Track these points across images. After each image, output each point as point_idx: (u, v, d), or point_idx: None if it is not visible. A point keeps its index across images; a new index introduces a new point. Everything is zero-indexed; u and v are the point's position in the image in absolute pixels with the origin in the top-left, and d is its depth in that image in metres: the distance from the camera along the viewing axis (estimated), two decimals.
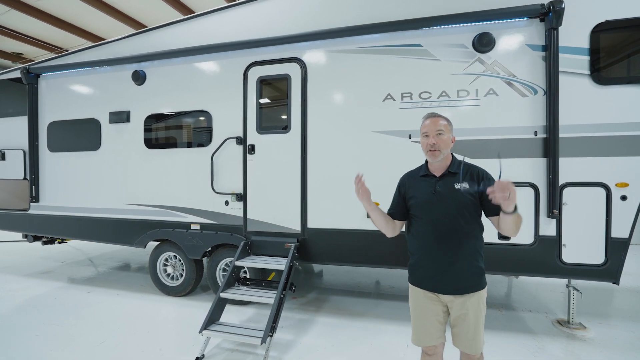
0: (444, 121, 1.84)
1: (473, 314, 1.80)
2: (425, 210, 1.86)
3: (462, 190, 1.79)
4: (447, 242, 1.80)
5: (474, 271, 1.81)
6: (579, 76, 2.95)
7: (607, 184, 2.94)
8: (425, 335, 1.91)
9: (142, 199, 4.16)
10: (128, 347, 3.00)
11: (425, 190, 1.88)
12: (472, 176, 1.81)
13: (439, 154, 1.82)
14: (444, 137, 1.81)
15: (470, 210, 1.79)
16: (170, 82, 4.04)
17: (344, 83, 3.48)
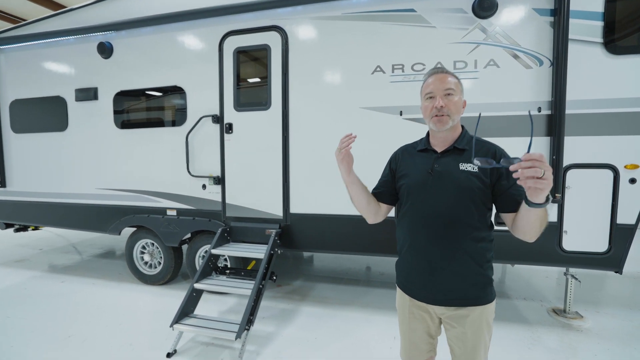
0: (453, 78, 1.40)
1: (472, 334, 1.40)
2: (416, 194, 1.44)
3: (472, 171, 1.35)
4: (440, 237, 1.39)
5: (474, 280, 1.38)
6: (590, 45, 2.63)
7: (616, 165, 2.68)
8: (413, 350, 1.57)
9: (115, 183, 3.87)
10: (96, 342, 2.79)
11: (420, 168, 1.45)
12: (494, 158, 1.34)
13: (448, 120, 1.37)
14: (454, 99, 1.37)
15: (476, 200, 1.35)
16: (139, 55, 3.67)
17: (328, 54, 3.13)
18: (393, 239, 3.15)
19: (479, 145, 1.40)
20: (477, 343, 1.41)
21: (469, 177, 1.35)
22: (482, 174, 1.35)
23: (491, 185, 1.35)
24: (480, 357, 1.43)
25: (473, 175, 1.35)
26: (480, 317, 1.40)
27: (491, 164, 1.17)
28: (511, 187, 1.33)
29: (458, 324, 1.42)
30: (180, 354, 2.64)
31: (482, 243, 1.39)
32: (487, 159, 1.18)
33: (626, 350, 2.70)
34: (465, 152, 1.40)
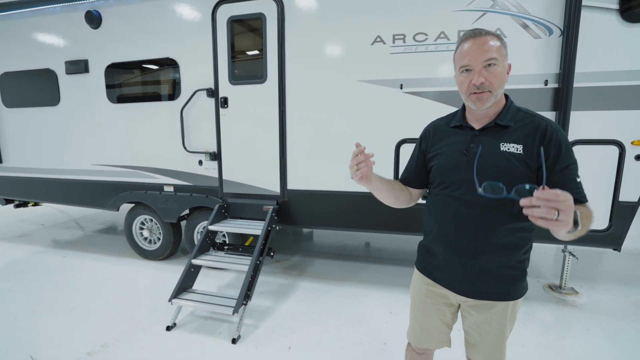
0: (495, 41, 1.14)
1: (495, 328, 1.28)
2: (448, 178, 1.27)
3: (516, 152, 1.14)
4: (473, 227, 1.22)
5: (507, 273, 1.23)
6: (605, 12, 2.47)
7: (622, 141, 2.59)
8: (424, 335, 1.48)
9: (111, 160, 3.83)
10: (98, 315, 2.85)
11: (453, 148, 1.27)
12: (542, 138, 1.13)
13: (489, 96, 1.15)
14: (496, 70, 1.13)
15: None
16: (129, 25, 3.51)
17: (326, 23, 2.97)
18: (391, 215, 3.14)
19: (524, 119, 1.19)
20: (500, 334, 1.30)
21: (511, 159, 1.14)
22: (527, 156, 1.13)
23: (538, 170, 1.14)
24: (502, 348, 1.32)
25: (516, 157, 1.14)
26: (506, 311, 1.27)
27: (499, 193, 1.03)
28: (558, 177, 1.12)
29: (480, 313, 1.30)
30: (180, 327, 2.69)
31: (521, 233, 1.21)
32: (495, 186, 1.03)
33: (618, 324, 2.73)
34: (509, 128, 1.18)
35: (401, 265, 3.93)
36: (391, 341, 2.52)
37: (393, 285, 3.38)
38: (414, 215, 3.06)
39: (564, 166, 1.12)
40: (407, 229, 3.15)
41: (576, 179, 1.12)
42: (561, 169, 1.12)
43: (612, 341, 2.52)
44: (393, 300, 3.11)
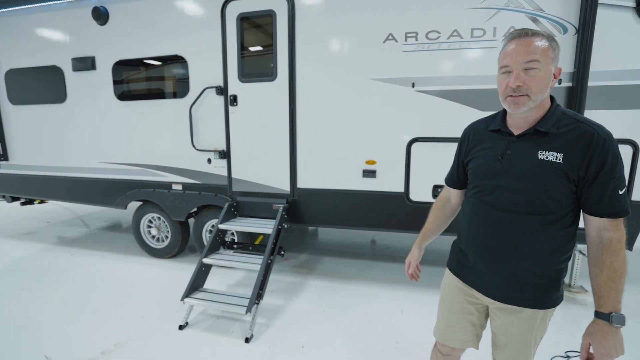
0: (542, 42, 1.08)
1: (521, 333, 1.27)
2: (482, 183, 1.26)
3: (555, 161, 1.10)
4: (503, 234, 1.21)
5: (536, 281, 1.20)
6: (621, 10, 2.44)
7: (636, 141, 2.58)
8: (449, 332, 1.48)
9: (118, 157, 3.81)
10: (109, 314, 2.85)
11: (490, 154, 1.24)
12: (586, 148, 1.06)
13: (527, 101, 1.10)
14: (538, 74, 1.08)
15: (555, 197, 1.12)
16: (137, 22, 3.47)
17: (337, 21, 2.95)
18: (402, 214, 3.13)
19: (569, 125, 1.11)
20: (525, 339, 1.28)
21: (549, 169, 1.10)
22: (567, 167, 1.08)
23: (578, 181, 1.10)
24: (528, 353, 1.30)
25: (556, 167, 1.09)
26: (534, 319, 1.24)
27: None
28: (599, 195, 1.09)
29: (506, 316, 1.29)
30: (192, 326, 2.70)
31: (558, 241, 1.17)
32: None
33: (628, 323, 2.73)
34: (550, 135, 1.12)
35: None
36: (403, 340, 2.53)
37: (402, 284, 3.38)
38: (425, 214, 3.06)
39: (604, 180, 1.07)
40: (418, 228, 3.14)
41: (617, 193, 1.08)
42: (600, 182, 1.07)
43: (627, 341, 2.52)
44: (403, 299, 3.11)
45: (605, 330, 1.09)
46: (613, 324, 1.08)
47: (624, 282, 1.10)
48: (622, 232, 1.10)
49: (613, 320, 1.08)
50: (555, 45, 1.11)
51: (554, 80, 1.13)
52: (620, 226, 1.10)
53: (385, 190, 3.08)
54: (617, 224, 1.10)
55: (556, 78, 1.13)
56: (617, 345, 1.09)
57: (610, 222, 1.10)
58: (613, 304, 1.09)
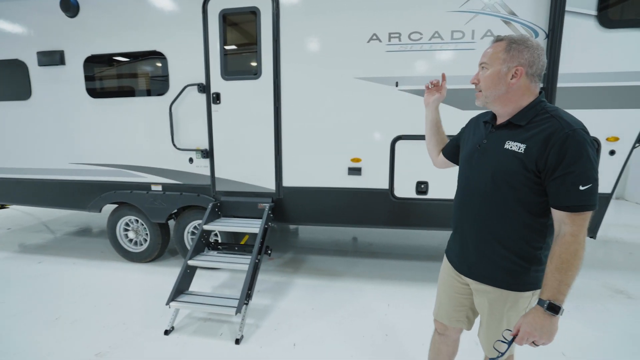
0: (500, 46, 1.24)
1: (493, 312, 1.36)
2: (463, 168, 1.43)
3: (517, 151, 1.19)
4: (473, 216, 1.35)
5: (503, 264, 1.29)
6: (585, 17, 2.65)
7: (598, 138, 2.81)
8: (442, 309, 1.61)
9: (92, 158, 3.61)
10: (87, 323, 2.70)
11: (474, 141, 1.40)
12: (546, 142, 1.13)
13: (480, 96, 1.30)
14: (485, 73, 1.27)
15: (514, 185, 1.21)
16: (111, 15, 3.31)
17: (322, 20, 2.97)
18: (387, 210, 3.21)
19: (542, 121, 1.18)
20: (494, 320, 1.37)
21: (510, 158, 1.21)
22: (526, 157, 1.17)
23: (537, 172, 1.17)
24: (498, 334, 1.36)
25: (516, 156, 1.19)
26: (503, 298, 1.31)
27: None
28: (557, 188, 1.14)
29: (478, 295, 1.42)
30: (178, 330, 2.62)
31: (525, 228, 1.24)
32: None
33: (593, 306, 2.97)
34: (522, 128, 1.22)
35: (393, 259, 4.03)
36: (392, 332, 2.59)
37: (388, 279, 3.47)
38: (409, 210, 3.15)
39: (562, 174, 1.11)
40: (402, 224, 3.24)
41: (577, 188, 1.09)
42: (558, 176, 1.11)
43: (589, 321, 2.74)
44: (389, 293, 3.19)
45: (539, 314, 1.13)
46: (546, 310, 1.11)
47: (571, 277, 1.11)
48: (579, 227, 1.11)
49: (547, 307, 1.11)
50: (513, 48, 1.21)
51: (513, 79, 1.21)
52: (578, 221, 1.11)
53: (371, 187, 3.14)
54: (574, 219, 1.11)
55: (515, 77, 1.21)
56: (545, 332, 1.12)
57: (567, 215, 1.12)
58: (553, 293, 1.11)
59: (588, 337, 2.53)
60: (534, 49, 1.20)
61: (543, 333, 1.13)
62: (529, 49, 1.20)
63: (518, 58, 1.20)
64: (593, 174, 1.10)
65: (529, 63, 1.20)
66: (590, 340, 2.49)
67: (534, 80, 1.23)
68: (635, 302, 3.02)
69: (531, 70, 1.21)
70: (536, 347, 1.19)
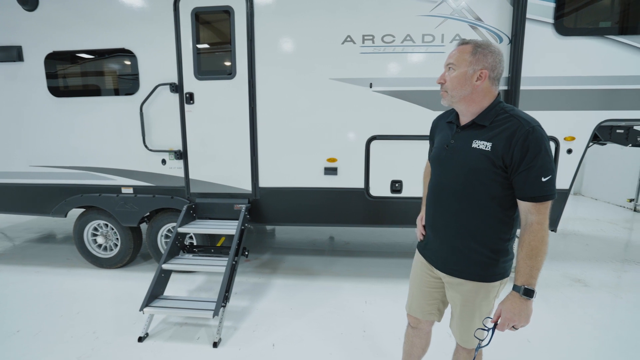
0: (467, 48, 1.30)
1: (466, 304, 1.43)
2: (434, 167, 1.49)
3: (484, 150, 1.26)
4: (445, 212, 1.42)
5: (476, 258, 1.36)
6: (543, 25, 2.82)
7: (557, 137, 3.01)
8: (414, 303, 1.67)
9: (55, 160, 3.42)
10: (52, 335, 2.56)
11: (441, 141, 1.46)
12: (510, 140, 1.21)
13: (446, 96, 1.36)
14: (452, 74, 1.31)
15: (484, 182, 1.29)
16: (75, 10, 3.15)
17: (297, 20, 2.98)
18: (363, 209, 3.27)
19: (503, 120, 1.26)
20: (467, 311, 1.44)
21: (479, 156, 1.28)
22: (493, 154, 1.25)
23: (504, 167, 1.25)
24: (467, 326, 1.46)
25: (484, 154, 1.27)
26: (477, 292, 1.39)
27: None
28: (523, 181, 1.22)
29: (451, 288, 1.47)
30: (153, 336, 2.54)
31: (493, 222, 1.33)
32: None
33: (554, 294, 3.18)
34: (486, 128, 1.30)
35: (370, 256, 4.11)
36: (369, 328, 2.65)
37: (365, 276, 3.53)
38: (384, 208, 3.23)
39: (526, 168, 1.20)
40: (378, 222, 3.31)
41: (539, 180, 1.19)
42: (522, 170, 1.21)
43: (551, 308, 2.93)
44: (366, 290, 3.25)
45: (515, 300, 1.23)
46: (522, 295, 1.21)
47: (541, 262, 1.21)
48: (544, 216, 1.22)
49: (522, 292, 1.21)
50: (479, 52, 1.28)
51: (478, 81, 1.28)
52: (542, 210, 1.21)
53: (347, 186, 3.19)
54: (539, 208, 1.21)
55: (480, 80, 1.28)
56: (522, 315, 1.22)
57: (533, 205, 1.22)
58: (526, 278, 1.21)
59: (550, 324, 2.70)
60: (496, 54, 1.29)
61: (521, 317, 1.22)
62: (492, 54, 1.29)
63: (483, 61, 1.28)
64: (551, 166, 1.21)
65: (492, 67, 1.28)
66: (552, 327, 2.67)
67: (495, 83, 1.32)
68: (591, 290, 3.27)
69: (493, 73, 1.30)
70: (515, 331, 1.29)
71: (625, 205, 6.50)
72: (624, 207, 6.52)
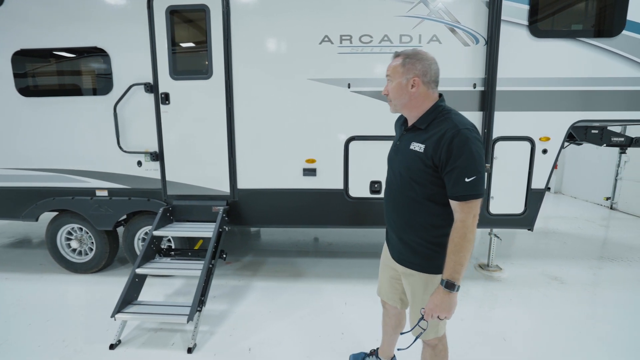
0: (395, 61, 1.42)
1: (415, 293, 1.56)
2: (388, 165, 1.63)
3: (418, 151, 1.39)
4: (394, 207, 1.56)
5: (419, 250, 1.49)
6: (518, 26, 2.86)
7: (533, 138, 3.05)
8: (380, 287, 1.87)
9: (25, 162, 3.30)
10: (18, 344, 2.47)
11: (393, 142, 1.63)
12: (439, 142, 1.32)
13: (391, 104, 1.49)
14: (391, 85, 1.44)
15: (419, 181, 1.41)
16: (44, 6, 3.04)
17: (274, 20, 2.95)
18: (342, 210, 3.26)
19: (438, 124, 1.37)
20: (415, 300, 1.57)
21: (414, 157, 1.41)
22: (425, 156, 1.37)
23: (435, 167, 1.36)
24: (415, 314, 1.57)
25: (417, 156, 1.39)
26: (420, 283, 1.52)
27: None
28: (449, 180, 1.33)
29: (405, 278, 1.61)
30: (125, 343, 2.47)
31: (432, 217, 1.43)
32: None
33: (532, 292, 3.23)
34: (422, 130, 1.42)
35: (353, 257, 4.10)
36: (348, 330, 2.63)
37: (346, 277, 3.52)
38: (364, 209, 3.22)
39: (450, 169, 1.30)
40: (358, 223, 3.30)
41: (462, 180, 1.28)
42: (448, 171, 1.31)
43: (529, 306, 2.97)
44: (347, 291, 3.24)
45: (439, 292, 1.34)
46: (445, 288, 1.32)
47: (463, 258, 1.29)
48: (466, 214, 1.30)
49: (445, 285, 1.32)
50: (408, 62, 1.39)
51: (413, 88, 1.39)
52: (465, 209, 1.30)
53: (326, 187, 3.17)
54: (462, 207, 1.31)
55: (415, 87, 1.39)
56: (444, 306, 1.33)
57: (457, 204, 1.32)
58: (450, 272, 1.31)
59: (527, 322, 2.74)
60: (424, 60, 1.39)
61: (443, 308, 1.33)
62: (421, 61, 1.39)
63: (413, 70, 1.38)
64: (476, 167, 1.28)
65: (422, 73, 1.38)
66: (528, 325, 2.70)
67: (431, 86, 1.41)
68: (568, 287, 3.33)
69: (426, 78, 1.39)
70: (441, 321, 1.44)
71: (602, 203, 6.67)
72: (601, 205, 6.70)
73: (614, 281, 3.47)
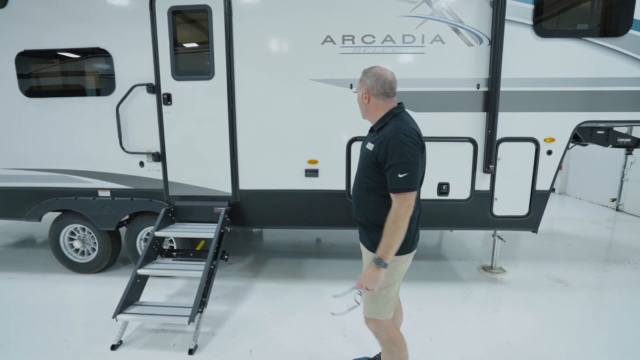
0: (359, 76, 1.72)
1: (364, 266, 1.79)
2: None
3: (370, 150, 1.65)
4: (354, 193, 1.80)
5: (372, 232, 1.70)
6: (522, 26, 2.83)
7: (537, 139, 3.01)
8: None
9: (28, 162, 3.32)
10: (21, 344, 2.48)
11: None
12: (382, 143, 1.57)
13: (360, 112, 1.78)
14: (357, 96, 1.75)
15: (369, 174, 1.67)
16: (48, 7, 3.05)
17: (276, 20, 2.94)
18: (344, 211, 3.23)
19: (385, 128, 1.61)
20: None
21: (368, 154, 1.66)
22: (372, 154, 1.62)
23: (378, 164, 1.59)
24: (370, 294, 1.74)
25: (369, 153, 1.65)
26: (370, 258, 1.68)
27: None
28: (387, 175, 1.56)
29: (364, 258, 1.83)
30: (127, 344, 2.47)
31: (377, 206, 1.66)
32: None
33: (536, 295, 3.19)
34: (375, 133, 1.67)
35: (354, 258, 4.08)
36: (350, 332, 2.62)
37: (348, 279, 3.50)
38: None
39: (388, 166, 1.54)
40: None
41: (396, 176, 1.52)
42: (387, 168, 1.55)
43: (533, 309, 2.94)
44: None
45: (371, 267, 1.57)
46: (374, 264, 1.55)
47: (394, 241, 1.52)
48: (399, 204, 1.52)
49: (374, 261, 1.56)
50: (361, 78, 1.69)
51: (366, 99, 1.67)
52: (398, 200, 1.53)
53: (328, 188, 3.16)
54: (396, 198, 1.54)
55: (366, 99, 1.67)
56: (371, 279, 1.56)
57: (393, 195, 1.55)
58: (381, 251, 1.54)
59: (531, 325, 2.70)
60: (372, 75, 1.64)
61: (369, 280, 1.57)
62: (369, 77, 1.65)
63: (365, 84, 1.67)
64: (408, 165, 1.51)
65: (371, 87, 1.64)
66: (533, 328, 2.67)
67: (381, 97, 1.64)
68: (572, 290, 3.29)
69: (374, 91, 1.64)
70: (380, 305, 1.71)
71: (607, 204, 6.60)
72: (606, 206, 6.62)
73: (620, 284, 3.42)
